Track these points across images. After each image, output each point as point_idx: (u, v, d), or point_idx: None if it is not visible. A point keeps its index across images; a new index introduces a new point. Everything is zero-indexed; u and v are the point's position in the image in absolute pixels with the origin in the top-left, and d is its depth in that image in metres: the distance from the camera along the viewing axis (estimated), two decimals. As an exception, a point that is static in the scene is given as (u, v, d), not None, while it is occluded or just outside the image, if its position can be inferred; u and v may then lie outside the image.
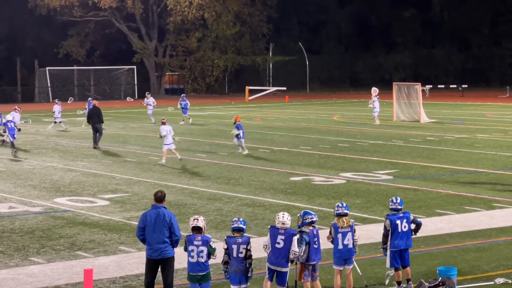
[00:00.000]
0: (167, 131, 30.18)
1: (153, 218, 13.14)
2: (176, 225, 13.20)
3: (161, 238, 13.08)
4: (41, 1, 79.72)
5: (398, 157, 31.81)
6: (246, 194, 23.61)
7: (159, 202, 13.27)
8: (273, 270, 12.90)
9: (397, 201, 14.04)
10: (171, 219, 13.14)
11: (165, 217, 13.12)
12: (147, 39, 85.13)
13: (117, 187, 24.99)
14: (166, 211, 13.23)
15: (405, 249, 14.06)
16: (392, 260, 14.05)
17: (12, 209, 21.58)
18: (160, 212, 13.16)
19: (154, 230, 13.08)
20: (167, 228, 13.09)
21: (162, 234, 13.08)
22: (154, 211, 13.20)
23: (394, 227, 13.99)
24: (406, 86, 52.17)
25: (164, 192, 13.48)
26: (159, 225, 13.08)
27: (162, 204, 13.27)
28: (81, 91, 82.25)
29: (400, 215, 14.10)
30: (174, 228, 13.15)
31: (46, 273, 15.30)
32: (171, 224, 13.12)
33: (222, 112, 59.66)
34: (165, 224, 13.09)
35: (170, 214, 13.24)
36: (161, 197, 13.30)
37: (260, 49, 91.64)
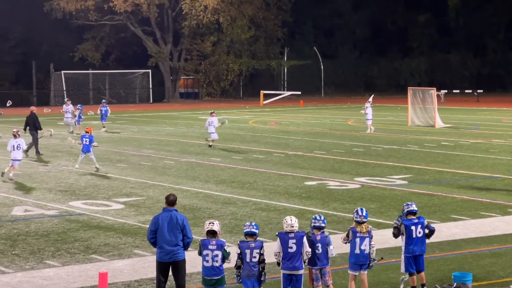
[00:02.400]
0: (209, 122, 36.65)
1: (165, 221, 13.16)
2: (188, 227, 13.24)
3: (174, 241, 13.10)
4: (57, 5, 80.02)
5: (413, 162, 31.73)
6: (260, 198, 23.61)
7: (171, 205, 13.30)
8: (290, 276, 12.89)
9: (320, 219, 13.53)
10: (183, 221, 13.18)
11: (177, 220, 13.14)
12: (162, 43, 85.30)
13: (132, 191, 25.03)
14: (178, 214, 13.26)
15: (419, 255, 14.03)
16: (407, 265, 14.02)
17: (27, 212, 21.65)
18: (172, 215, 13.18)
19: (167, 233, 13.10)
20: (179, 231, 13.11)
21: (175, 237, 13.10)
22: (166, 214, 13.22)
23: (409, 232, 13.95)
24: (421, 91, 52.06)
25: (176, 195, 13.51)
26: (172, 228, 13.10)
27: (173, 207, 13.30)
28: (96, 94, 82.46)
29: (415, 220, 14.06)
30: (187, 231, 13.18)
31: (61, 276, 15.34)
32: (184, 226, 13.15)
33: (237, 116, 59.67)
34: (177, 227, 13.11)
35: (182, 216, 13.27)
36: (173, 200, 13.33)
37: (275, 54, 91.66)
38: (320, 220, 13.38)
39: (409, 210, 14.14)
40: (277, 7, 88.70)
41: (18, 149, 26.79)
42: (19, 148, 26.81)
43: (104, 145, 38.51)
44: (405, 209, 14.17)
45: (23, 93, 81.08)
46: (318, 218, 13.44)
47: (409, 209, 14.15)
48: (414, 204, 14.30)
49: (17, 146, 26.87)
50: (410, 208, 14.16)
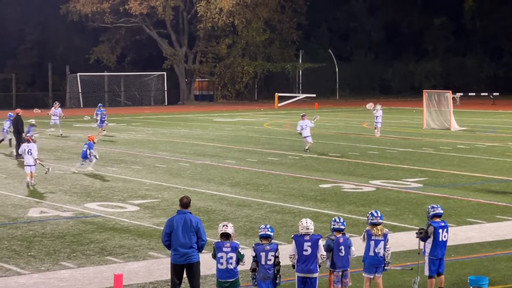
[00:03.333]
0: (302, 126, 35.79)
1: (180, 224, 13.17)
2: (202, 229, 13.25)
3: (188, 243, 13.11)
4: (73, 7, 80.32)
5: (428, 165, 31.63)
6: (275, 201, 23.60)
7: (185, 207, 13.31)
8: (304, 279, 12.88)
9: (340, 221, 13.46)
10: (197, 224, 13.19)
11: (192, 222, 13.15)
12: (177, 45, 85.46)
13: (147, 193, 25.08)
14: (193, 216, 13.27)
15: (442, 257, 14.06)
16: (432, 268, 14.01)
17: (43, 214, 21.73)
18: (186, 217, 13.19)
19: (181, 235, 13.11)
20: (194, 233, 13.12)
21: (189, 239, 13.11)
22: (180, 216, 13.24)
23: (436, 235, 13.94)
24: (437, 94, 51.91)
25: (190, 197, 13.51)
26: (186, 230, 13.11)
27: (187, 210, 13.30)
28: (112, 97, 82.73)
29: (441, 224, 14.07)
30: (201, 233, 13.19)
31: (76, 277, 15.39)
32: (198, 228, 13.16)
33: (252, 118, 59.68)
34: (192, 229, 13.12)
35: (196, 219, 13.28)
36: (187, 202, 13.33)
37: (290, 56, 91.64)
38: (340, 222, 13.38)
39: (436, 213, 14.13)
40: (292, 10, 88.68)
41: (29, 154, 26.31)
42: (30, 153, 26.30)
43: (119, 147, 38.63)
44: (431, 211, 14.14)
45: (38, 95, 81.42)
46: (338, 220, 13.43)
47: (435, 212, 14.13)
48: (440, 207, 14.28)
49: (28, 151, 26.38)
50: (436, 211, 14.15)
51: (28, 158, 26.31)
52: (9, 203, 23.29)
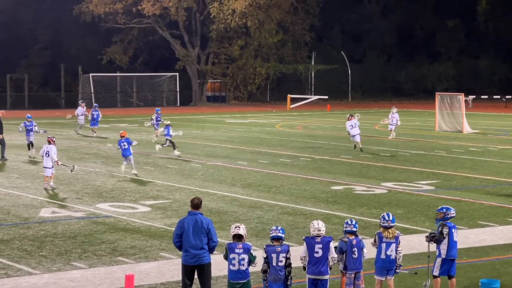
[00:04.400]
0: (351, 125, 36.95)
1: (190, 225, 13.16)
2: (213, 230, 13.22)
3: (199, 245, 13.10)
4: (86, 8, 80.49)
5: (440, 168, 31.56)
6: (287, 202, 23.59)
7: (196, 208, 13.29)
8: (315, 281, 12.86)
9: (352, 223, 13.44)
10: (208, 225, 13.16)
11: (202, 223, 13.13)
12: (190, 46, 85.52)
13: (159, 194, 25.10)
14: (203, 217, 13.24)
15: (454, 259, 14.05)
16: (444, 268, 13.99)
17: (55, 214, 21.78)
18: (197, 218, 13.17)
19: (192, 236, 13.10)
20: (204, 235, 13.10)
21: (200, 240, 13.09)
22: (191, 217, 13.23)
23: (451, 236, 13.93)
24: (449, 96, 51.78)
25: (201, 198, 13.50)
26: (197, 232, 13.09)
27: (198, 211, 13.28)
28: (124, 97, 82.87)
29: (452, 224, 14.10)
30: (212, 234, 13.17)
31: (87, 278, 15.41)
32: (209, 230, 13.13)
33: (264, 120, 59.67)
34: (203, 231, 13.10)
35: (207, 220, 13.26)
36: (198, 203, 13.31)
37: (302, 58, 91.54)
38: (352, 225, 13.35)
39: (452, 215, 14.12)
40: (305, 11, 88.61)
41: (47, 156, 25.85)
42: (47, 155, 25.83)
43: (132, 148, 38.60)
44: (448, 214, 14.09)
45: (51, 96, 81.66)
46: (350, 222, 13.41)
47: (451, 215, 14.11)
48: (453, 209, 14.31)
49: (46, 152, 25.99)
50: (452, 214, 14.13)
51: (47, 161, 25.79)
52: (20, 203, 23.36)
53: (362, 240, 13.44)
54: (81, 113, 46.90)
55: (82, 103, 48.44)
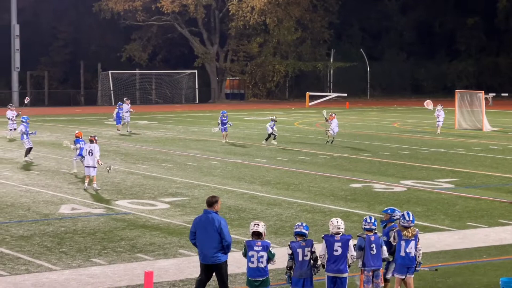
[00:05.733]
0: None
1: (203, 223, 13.16)
2: (225, 230, 13.11)
3: (211, 244, 13.06)
4: (106, 5, 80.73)
5: (460, 166, 31.43)
6: (305, 200, 23.57)
7: (209, 206, 13.26)
8: (334, 278, 12.84)
9: (371, 221, 13.37)
10: (220, 224, 13.07)
11: (214, 222, 13.07)
12: (209, 43, 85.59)
13: (178, 191, 25.14)
14: (216, 216, 13.17)
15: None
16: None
17: (74, 211, 21.87)
18: (209, 217, 13.14)
19: (204, 235, 13.09)
20: (217, 234, 13.04)
21: (212, 239, 13.04)
22: (204, 216, 13.22)
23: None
24: (469, 94, 51.56)
25: (217, 197, 13.42)
26: (209, 230, 13.06)
27: (212, 209, 13.22)
28: (143, 94, 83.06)
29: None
30: (224, 234, 13.07)
31: (107, 274, 15.46)
32: (221, 229, 13.04)
33: (283, 117, 59.58)
34: (215, 229, 13.04)
35: (219, 219, 13.16)
36: (211, 201, 13.27)
37: (321, 55, 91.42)
38: (371, 223, 13.32)
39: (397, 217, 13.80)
40: (324, 9, 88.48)
41: (90, 155, 25.26)
42: (91, 154, 25.34)
43: (150, 145, 38.79)
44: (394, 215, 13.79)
45: (71, 93, 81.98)
46: (369, 220, 13.38)
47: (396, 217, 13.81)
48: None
49: (89, 151, 25.43)
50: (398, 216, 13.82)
51: (88, 159, 25.31)
52: (41, 200, 23.47)
53: (381, 238, 13.40)
54: (126, 110, 46.48)
55: (127, 100, 47.89)
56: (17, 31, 74.90)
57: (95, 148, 25.46)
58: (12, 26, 75.19)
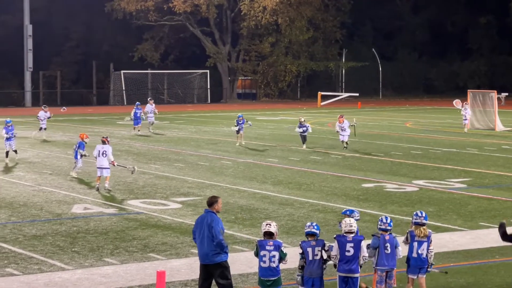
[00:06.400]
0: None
1: (199, 223, 13.15)
2: (217, 228, 12.89)
3: (204, 243, 12.99)
4: (118, 5, 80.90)
5: (472, 166, 31.35)
6: (317, 200, 23.57)
7: (209, 206, 13.17)
8: (346, 278, 12.85)
9: (386, 221, 13.36)
10: (212, 222, 12.93)
11: (207, 221, 13.00)
12: (221, 43, 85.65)
13: (189, 191, 25.18)
14: (210, 215, 13.06)
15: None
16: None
17: (87, 210, 21.94)
18: (205, 216, 13.11)
19: (199, 234, 13.07)
20: (211, 233, 12.96)
21: (206, 238, 12.98)
22: (203, 215, 13.21)
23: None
24: (481, 93, 51.44)
25: (217, 197, 13.28)
26: (204, 230, 13.01)
27: (212, 209, 13.12)
28: (155, 94, 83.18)
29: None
30: (214, 231, 12.88)
31: (119, 274, 15.50)
32: (211, 227, 12.89)
33: (294, 117, 59.54)
34: (208, 229, 12.96)
35: (213, 218, 13.01)
36: (211, 201, 13.17)
37: (333, 55, 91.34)
38: (386, 223, 13.32)
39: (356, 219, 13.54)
40: (336, 9, 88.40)
41: (103, 156, 25.17)
42: (104, 155, 25.15)
43: (162, 145, 38.85)
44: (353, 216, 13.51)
45: (83, 92, 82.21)
46: (385, 220, 13.37)
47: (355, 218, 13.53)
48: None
49: (102, 152, 25.29)
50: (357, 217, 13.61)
51: (101, 160, 25.18)
52: (53, 199, 23.55)
53: (395, 238, 13.38)
54: (150, 110, 46.22)
55: (150, 100, 47.55)
56: (30, 31, 75.21)
57: (108, 150, 25.44)
58: (25, 26, 75.49)
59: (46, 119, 42.05)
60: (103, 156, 25.29)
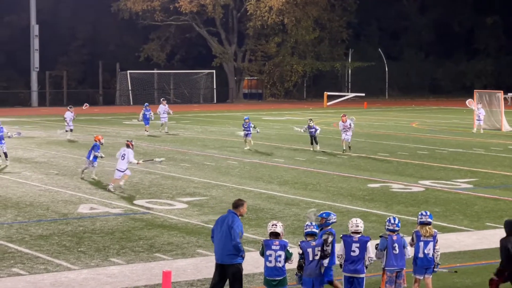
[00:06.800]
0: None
1: (219, 223, 13.20)
2: (236, 230, 12.91)
3: (222, 243, 13.02)
4: (124, 5, 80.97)
5: (478, 166, 31.31)
6: (323, 200, 23.56)
7: (234, 208, 13.23)
8: (351, 278, 12.84)
9: (394, 222, 13.35)
10: (232, 223, 12.97)
11: (227, 222, 13.03)
12: (227, 43, 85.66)
13: (195, 191, 25.18)
14: (232, 216, 13.10)
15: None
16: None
17: (93, 210, 21.96)
18: (228, 216, 13.14)
19: (218, 234, 13.12)
20: (230, 234, 12.99)
21: (224, 238, 13.01)
22: (225, 215, 13.25)
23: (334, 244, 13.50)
24: (488, 94, 51.36)
25: (243, 201, 13.36)
26: (224, 229, 13.05)
27: (236, 211, 13.17)
28: (161, 94, 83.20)
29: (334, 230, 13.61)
30: (233, 233, 12.91)
31: (125, 274, 15.51)
32: (232, 228, 12.93)
33: (300, 117, 59.57)
34: (228, 230, 13.00)
35: (234, 218, 13.05)
36: (236, 204, 13.25)
37: (339, 55, 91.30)
38: (394, 224, 13.30)
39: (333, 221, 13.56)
40: (342, 8, 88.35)
41: (122, 158, 25.09)
42: (123, 158, 25.07)
43: (169, 145, 38.88)
44: (330, 219, 13.52)
45: (89, 92, 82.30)
46: (393, 221, 13.35)
47: (332, 220, 13.53)
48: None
49: (122, 155, 25.17)
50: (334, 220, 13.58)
51: (121, 163, 25.11)
52: (59, 199, 23.58)
53: (403, 238, 13.36)
54: (163, 111, 45.71)
55: (163, 101, 47.14)
56: (36, 31, 75.34)
57: (128, 153, 25.23)
58: (31, 26, 75.62)
59: (72, 119, 41.98)
60: (121, 159, 25.18)
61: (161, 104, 46.33)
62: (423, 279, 13.53)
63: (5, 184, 26.30)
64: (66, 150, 36.26)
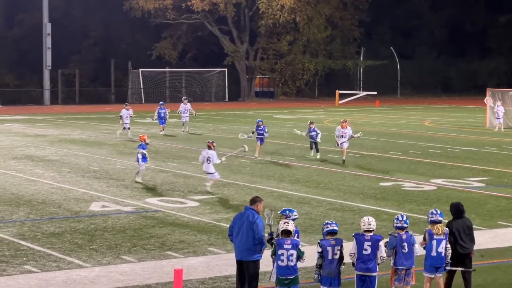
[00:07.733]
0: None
1: (238, 219, 13.27)
2: (261, 225, 13.05)
3: (242, 240, 13.08)
4: (136, 4, 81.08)
5: (491, 165, 31.21)
6: (335, 198, 23.53)
7: (251, 204, 13.33)
8: (363, 277, 12.82)
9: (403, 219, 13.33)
10: (255, 219, 13.07)
11: (249, 217, 13.11)
12: (239, 42, 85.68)
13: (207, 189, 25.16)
14: (251, 212, 13.20)
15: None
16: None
17: (105, 208, 22.00)
18: (247, 213, 13.19)
19: (238, 231, 13.15)
20: (251, 230, 13.02)
21: (244, 235, 13.07)
22: (243, 212, 13.30)
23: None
24: (501, 92, 51.20)
25: (260, 198, 13.48)
26: (245, 226, 13.09)
27: (254, 207, 13.27)
28: (173, 92, 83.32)
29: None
30: (257, 227, 12.99)
31: (137, 272, 15.54)
32: (255, 223, 13.00)
33: (312, 116, 59.53)
34: (249, 226, 13.05)
35: (254, 214, 13.18)
36: (254, 200, 13.38)
37: (351, 53, 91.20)
38: (402, 221, 13.29)
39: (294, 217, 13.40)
40: (354, 7, 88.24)
41: (207, 162, 24.64)
42: (208, 161, 24.60)
43: (180, 143, 38.90)
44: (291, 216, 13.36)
45: (101, 91, 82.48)
46: (401, 218, 13.34)
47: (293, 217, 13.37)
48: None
49: (207, 158, 24.70)
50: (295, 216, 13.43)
51: (207, 166, 24.74)
52: (71, 197, 23.64)
53: (413, 236, 13.34)
54: (183, 110, 45.36)
55: (185, 100, 46.94)
56: (48, 30, 75.58)
57: (212, 155, 24.73)
58: (44, 24, 75.85)
59: (129, 117, 41.96)
60: (207, 162, 24.75)
61: (182, 103, 46.17)
62: (434, 278, 13.50)
63: (18, 182, 26.39)
64: (78, 148, 36.34)
